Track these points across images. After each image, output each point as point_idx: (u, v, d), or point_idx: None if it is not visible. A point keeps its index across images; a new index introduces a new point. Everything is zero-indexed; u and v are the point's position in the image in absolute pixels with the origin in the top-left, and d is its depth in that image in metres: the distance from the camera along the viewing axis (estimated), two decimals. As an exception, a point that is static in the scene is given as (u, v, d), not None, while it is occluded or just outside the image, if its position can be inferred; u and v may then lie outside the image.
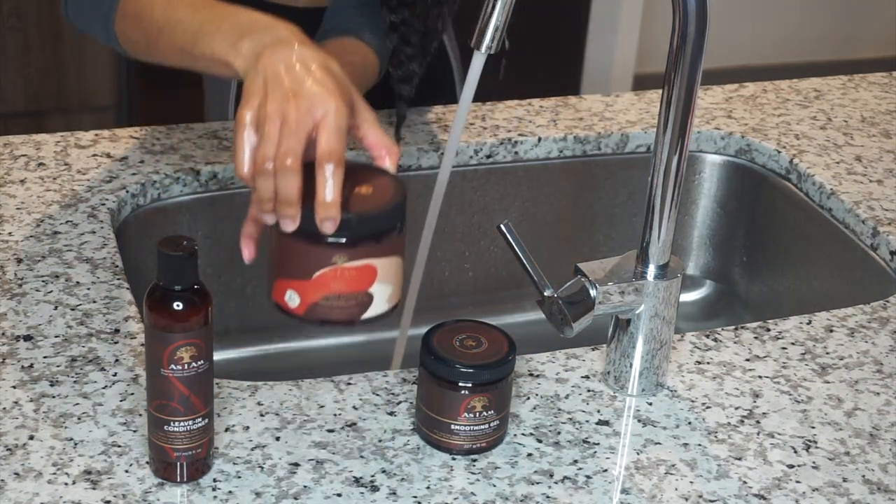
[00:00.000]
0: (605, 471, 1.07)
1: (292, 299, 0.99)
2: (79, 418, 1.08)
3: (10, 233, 1.34)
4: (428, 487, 1.04)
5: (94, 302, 1.24)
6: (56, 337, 1.18)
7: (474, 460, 1.07)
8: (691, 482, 1.06)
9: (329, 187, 0.97)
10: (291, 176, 0.97)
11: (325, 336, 1.60)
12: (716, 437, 1.12)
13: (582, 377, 1.19)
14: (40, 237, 1.34)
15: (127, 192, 1.44)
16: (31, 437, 1.06)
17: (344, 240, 0.96)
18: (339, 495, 1.02)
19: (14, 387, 1.11)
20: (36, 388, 1.11)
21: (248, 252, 1.06)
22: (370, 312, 1.00)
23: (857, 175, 1.58)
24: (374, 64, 1.41)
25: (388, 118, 1.62)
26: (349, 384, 1.15)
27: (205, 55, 1.09)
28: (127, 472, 1.03)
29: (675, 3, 1.04)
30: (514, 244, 1.09)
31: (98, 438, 1.06)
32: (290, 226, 0.98)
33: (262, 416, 1.10)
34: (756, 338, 1.26)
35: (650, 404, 1.16)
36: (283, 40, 1.03)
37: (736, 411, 1.15)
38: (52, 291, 1.25)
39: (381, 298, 1.00)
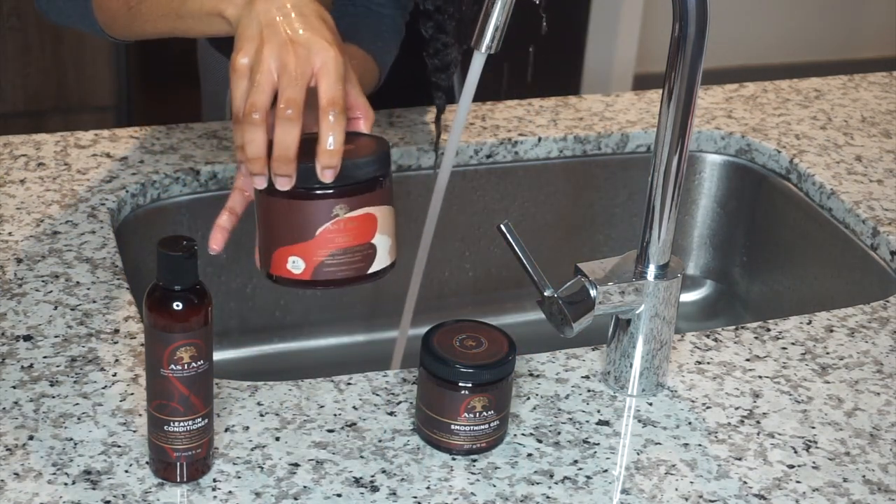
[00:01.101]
0: (606, 471, 1.07)
1: (296, 265, 0.95)
2: (79, 418, 1.08)
3: (10, 233, 1.34)
4: (428, 488, 1.04)
5: (94, 302, 1.24)
6: (56, 337, 1.18)
7: (474, 460, 1.07)
8: (691, 482, 1.06)
9: (333, 135, 0.94)
10: (292, 127, 0.94)
11: (325, 336, 1.60)
12: (716, 437, 1.12)
13: (582, 377, 1.18)
14: (40, 237, 1.34)
15: (127, 192, 1.44)
16: (31, 437, 1.06)
17: (342, 189, 0.93)
18: (339, 495, 1.02)
19: (14, 387, 1.11)
20: (36, 388, 1.11)
21: (217, 243, 1.03)
22: (375, 265, 0.97)
23: (858, 175, 1.58)
24: (374, 71, 1.39)
25: (387, 118, 1.62)
26: (349, 384, 1.15)
27: (193, 11, 1.06)
28: (127, 472, 1.03)
29: (675, 3, 1.04)
30: (514, 244, 1.09)
31: (98, 438, 1.06)
32: (286, 184, 0.94)
33: (261, 416, 1.10)
34: (756, 338, 1.26)
35: (650, 404, 1.16)
36: None
37: (736, 411, 1.15)
38: (52, 291, 1.25)
39: (384, 250, 0.97)
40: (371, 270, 0.97)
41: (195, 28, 1.08)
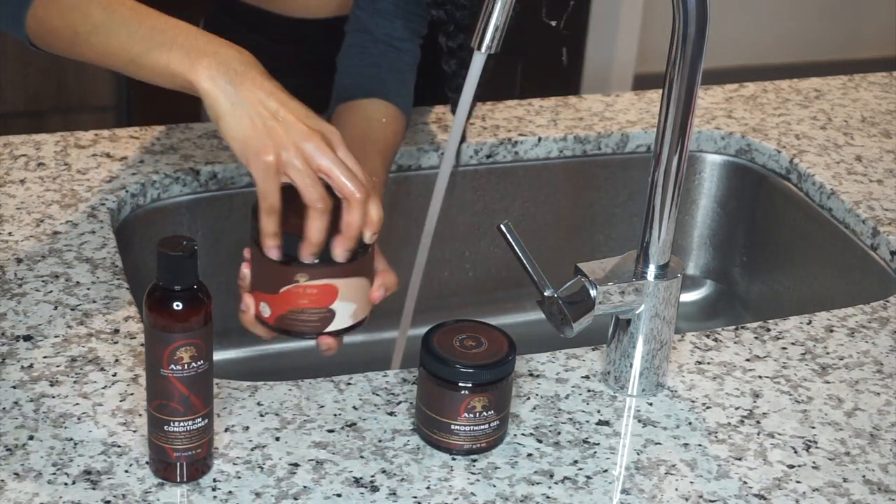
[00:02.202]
0: (606, 471, 1.07)
1: (264, 309, 1.08)
2: (79, 418, 1.08)
3: (10, 233, 1.34)
4: (428, 488, 1.04)
5: (94, 302, 1.23)
6: (56, 337, 1.18)
7: (474, 460, 1.07)
8: (691, 482, 1.06)
9: (318, 230, 1.04)
10: (324, 217, 1.05)
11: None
12: (716, 437, 1.12)
13: (582, 377, 1.18)
14: (40, 237, 1.34)
15: (127, 192, 1.44)
16: (31, 437, 1.06)
17: (309, 263, 1.04)
18: (339, 495, 1.02)
19: (14, 387, 1.11)
20: (36, 388, 1.11)
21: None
22: (332, 326, 1.07)
23: (858, 175, 1.58)
24: (403, 127, 1.39)
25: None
26: (349, 384, 1.15)
27: (155, 66, 1.07)
28: (127, 472, 1.03)
29: (675, 3, 1.04)
30: (514, 244, 1.09)
31: (98, 438, 1.06)
32: (276, 254, 1.06)
33: (261, 416, 1.10)
34: (756, 338, 1.26)
35: (650, 404, 1.16)
36: (247, 66, 1.07)
37: (736, 411, 1.15)
38: (52, 291, 1.25)
39: (344, 314, 1.07)
40: (327, 330, 1.08)
41: (148, 77, 1.09)
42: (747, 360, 1.23)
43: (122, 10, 1.10)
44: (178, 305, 0.96)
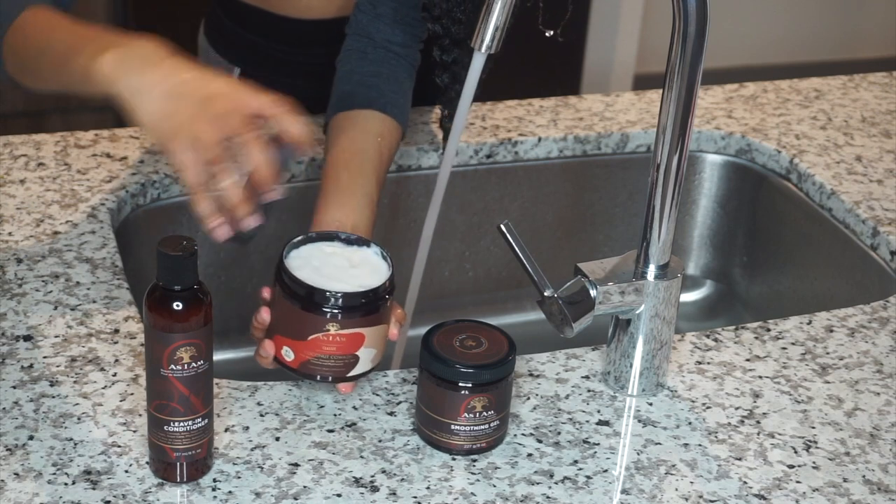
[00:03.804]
0: (606, 471, 1.07)
1: (287, 354, 1.08)
2: (79, 418, 1.08)
3: (10, 233, 1.34)
4: (428, 488, 1.04)
5: (94, 302, 1.23)
6: (56, 337, 1.18)
7: (474, 460, 1.07)
8: (691, 482, 1.06)
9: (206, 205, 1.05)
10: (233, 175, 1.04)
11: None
12: (716, 437, 1.12)
13: (582, 377, 1.18)
14: (40, 237, 1.34)
15: (127, 192, 1.44)
16: (31, 437, 1.06)
17: (339, 313, 1.05)
18: (339, 495, 1.02)
19: (14, 387, 1.11)
20: (36, 388, 1.11)
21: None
22: (355, 371, 1.08)
23: (858, 175, 1.58)
24: (399, 136, 1.39)
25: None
26: (349, 384, 1.15)
27: (73, 71, 1.09)
28: (127, 472, 1.03)
29: (675, 3, 1.04)
30: (514, 244, 1.09)
31: (98, 438, 1.06)
32: (221, 233, 1.06)
33: (261, 416, 1.10)
34: (756, 338, 1.26)
35: (650, 404, 1.16)
36: (155, 53, 1.05)
37: (736, 411, 1.15)
38: (52, 291, 1.25)
39: (366, 359, 1.08)
40: (350, 374, 1.09)
41: (79, 84, 1.10)
42: (747, 360, 1.23)
43: (60, 30, 1.14)
44: (178, 305, 0.96)
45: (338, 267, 1.10)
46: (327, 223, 1.21)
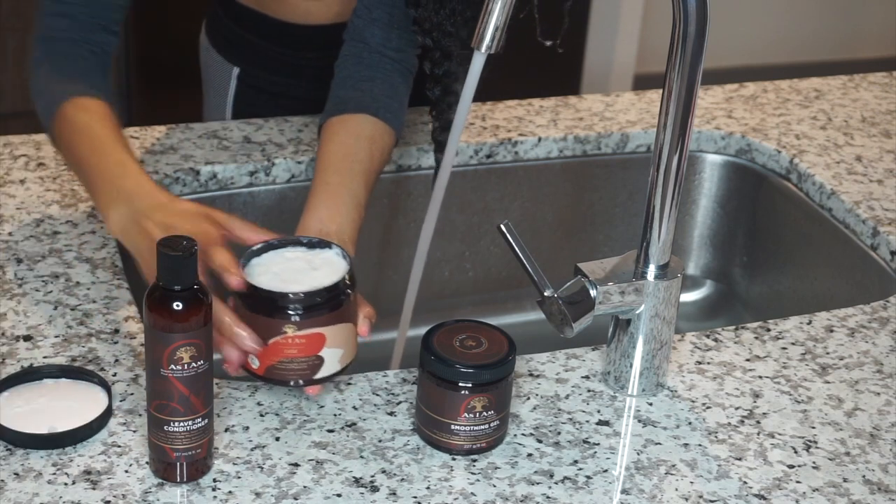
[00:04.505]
0: (606, 471, 1.07)
1: (253, 361, 1.07)
2: (79, 418, 1.08)
3: (10, 233, 1.34)
4: (428, 488, 1.04)
5: (94, 302, 1.23)
6: (56, 337, 1.18)
7: (474, 460, 1.07)
8: (691, 482, 1.06)
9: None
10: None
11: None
12: (716, 437, 1.12)
13: (582, 377, 1.18)
14: (40, 237, 1.34)
15: (127, 192, 1.44)
16: (31, 438, 1.06)
17: (293, 314, 1.05)
18: (339, 495, 1.02)
19: (14, 387, 1.11)
20: (36, 388, 1.11)
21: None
22: (322, 373, 1.08)
23: (858, 175, 1.58)
24: (391, 142, 1.39)
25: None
26: (349, 384, 1.15)
27: (96, 203, 1.22)
28: (127, 472, 1.03)
29: (675, 3, 1.04)
30: (514, 244, 1.09)
31: (98, 438, 1.06)
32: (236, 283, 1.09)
33: (261, 416, 1.10)
34: (756, 338, 1.26)
35: (650, 404, 1.16)
36: (153, 209, 1.15)
37: (736, 411, 1.15)
38: (52, 291, 1.25)
39: (333, 360, 1.08)
40: (317, 377, 1.08)
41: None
42: (747, 360, 1.23)
43: (80, 150, 1.25)
44: (178, 305, 0.96)
45: (298, 270, 1.09)
46: (312, 224, 1.23)
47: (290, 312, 1.05)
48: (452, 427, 1.06)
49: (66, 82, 1.30)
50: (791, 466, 1.09)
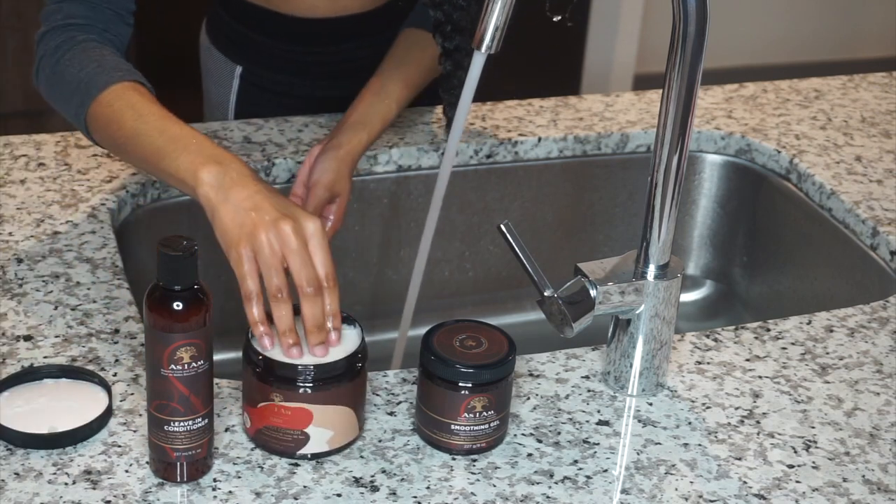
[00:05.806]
0: (606, 471, 1.07)
1: (246, 420, 1.07)
2: (79, 418, 1.08)
3: (10, 233, 1.34)
4: (428, 487, 1.04)
5: (94, 302, 1.24)
6: (56, 337, 1.18)
7: (474, 460, 1.07)
8: (691, 482, 1.06)
9: (319, 310, 1.06)
10: (317, 300, 1.07)
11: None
12: (716, 437, 1.12)
13: (582, 377, 1.18)
14: (40, 237, 1.34)
15: (127, 192, 1.44)
16: (31, 437, 1.06)
17: (280, 384, 1.03)
18: (339, 495, 1.02)
19: (14, 387, 1.11)
20: (36, 388, 1.11)
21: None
22: (306, 450, 1.05)
23: (857, 175, 1.58)
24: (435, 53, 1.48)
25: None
26: (349, 384, 1.15)
27: (170, 170, 1.16)
28: (127, 472, 1.03)
29: (675, 3, 1.04)
30: (514, 244, 1.09)
31: (98, 438, 1.06)
32: (324, 351, 1.05)
33: (262, 416, 1.10)
34: (756, 338, 1.26)
35: (650, 404, 1.16)
36: (241, 174, 1.11)
37: (736, 411, 1.15)
38: (52, 291, 1.25)
39: (320, 440, 1.05)
40: (300, 453, 1.05)
41: (169, 181, 1.18)
42: (747, 360, 1.23)
43: (149, 122, 1.20)
44: (178, 305, 0.96)
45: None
46: (347, 112, 1.39)
47: (278, 382, 1.03)
48: (452, 427, 1.06)
49: (108, 68, 1.27)
50: (791, 466, 1.09)
